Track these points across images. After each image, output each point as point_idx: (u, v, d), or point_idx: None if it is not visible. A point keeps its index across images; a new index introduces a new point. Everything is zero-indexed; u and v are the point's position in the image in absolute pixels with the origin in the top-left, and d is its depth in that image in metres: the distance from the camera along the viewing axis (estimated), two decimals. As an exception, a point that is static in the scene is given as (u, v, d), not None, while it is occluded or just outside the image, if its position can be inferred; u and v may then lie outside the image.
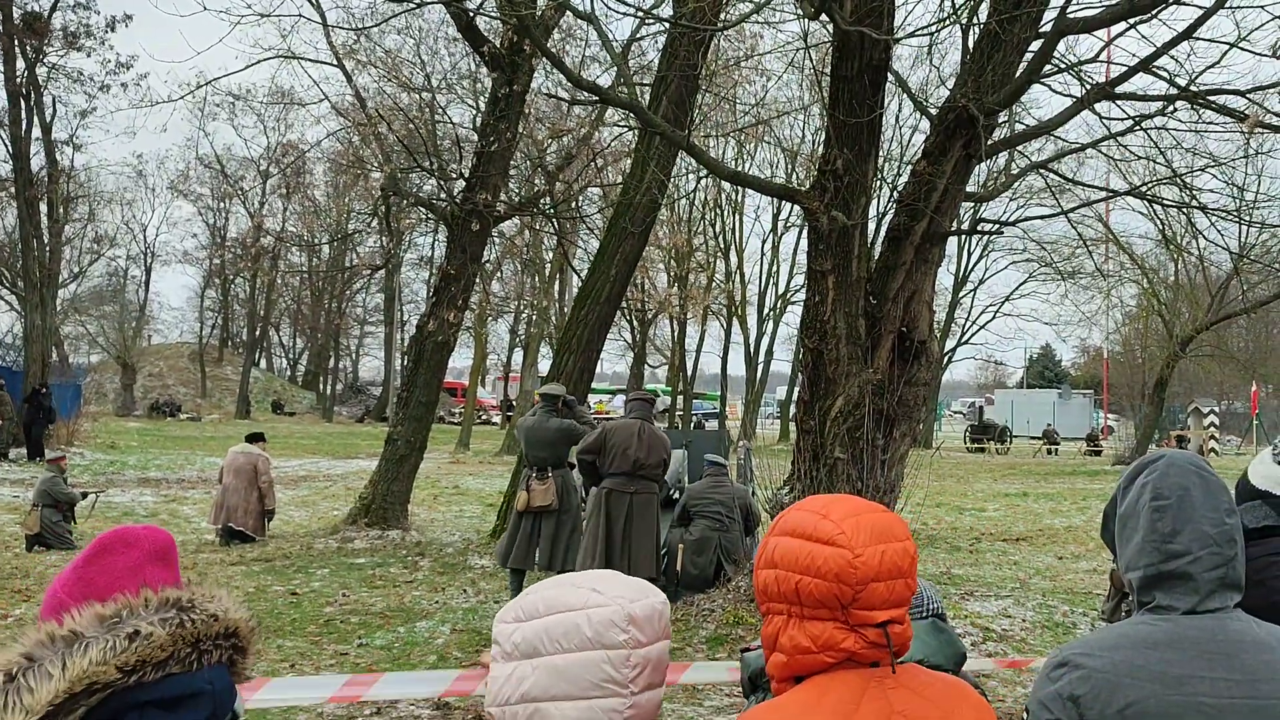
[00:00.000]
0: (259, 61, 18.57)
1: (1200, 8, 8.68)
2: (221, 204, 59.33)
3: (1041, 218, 31.20)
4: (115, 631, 1.81)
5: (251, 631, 1.96)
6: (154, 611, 1.87)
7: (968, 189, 10.51)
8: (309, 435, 42.58)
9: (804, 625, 1.93)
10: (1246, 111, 9.48)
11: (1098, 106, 10.04)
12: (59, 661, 1.75)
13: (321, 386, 63.62)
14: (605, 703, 1.86)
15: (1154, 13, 8.66)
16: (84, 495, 15.78)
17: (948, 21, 9.46)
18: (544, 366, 34.30)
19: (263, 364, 68.23)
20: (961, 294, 52.53)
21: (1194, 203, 13.41)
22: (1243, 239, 27.51)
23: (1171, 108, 10.18)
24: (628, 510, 9.91)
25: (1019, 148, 12.60)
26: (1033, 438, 51.03)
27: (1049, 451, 45.99)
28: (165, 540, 2.18)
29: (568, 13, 13.55)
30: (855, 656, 1.91)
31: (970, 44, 9.42)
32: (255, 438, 16.04)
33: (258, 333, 62.68)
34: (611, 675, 1.86)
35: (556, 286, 42.71)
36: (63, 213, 33.61)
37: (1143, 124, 10.79)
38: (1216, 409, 45.74)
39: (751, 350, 49.15)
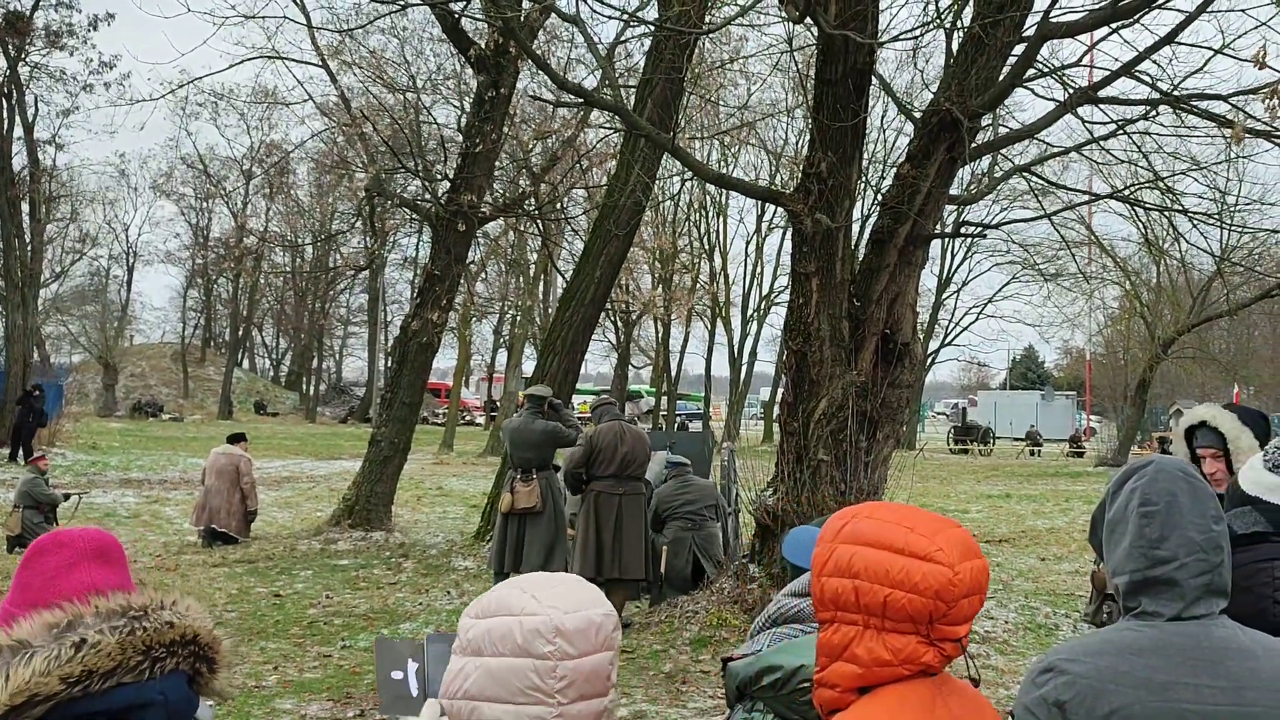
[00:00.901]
0: (243, 61, 18.51)
1: (1182, 12, 8.73)
2: (204, 204, 59.16)
3: (1025, 220, 31.35)
4: (61, 640, 1.76)
5: (215, 640, 1.92)
6: (104, 619, 1.82)
7: (951, 192, 10.56)
8: (292, 436, 42.45)
9: (883, 638, 1.92)
10: (1229, 116, 9.53)
11: (1080, 110, 10.08)
12: (2, 673, 1.71)
13: (305, 387, 63.42)
14: (532, 710, 1.88)
15: (1136, 18, 8.71)
16: (66, 496, 15.70)
17: (932, 26, 9.51)
18: (528, 368, 34.31)
19: (245, 364, 68.00)
20: (945, 295, 52.62)
21: (1176, 206, 13.50)
22: (1224, 242, 27.66)
23: (1154, 112, 10.25)
24: (617, 511, 9.90)
25: (1002, 151, 12.65)
26: (1016, 439, 51.18)
27: (1032, 453, 46.13)
28: (103, 540, 2.11)
29: (553, 15, 13.53)
30: (930, 669, 1.92)
31: (954, 48, 9.46)
32: (237, 438, 15.99)
33: (240, 333, 62.45)
34: (537, 684, 1.88)
35: (541, 287, 42.65)
36: (45, 212, 33.49)
37: (1125, 128, 10.85)
38: (1198, 411, 45.81)
39: (735, 351, 49.19)
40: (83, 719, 1.73)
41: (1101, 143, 11.86)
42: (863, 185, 11.53)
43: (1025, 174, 13.62)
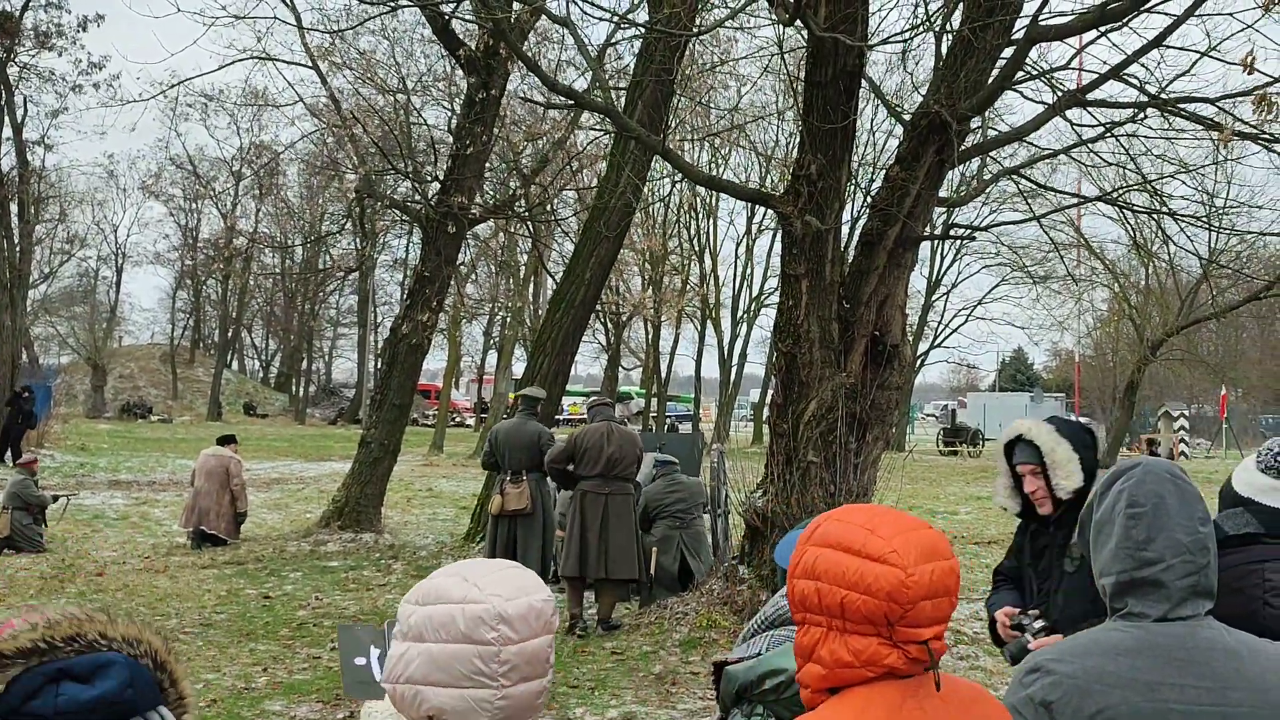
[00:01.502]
0: (233, 62, 18.49)
1: (1170, 16, 8.76)
2: (193, 205, 58.92)
3: (1014, 223, 31.49)
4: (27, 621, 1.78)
5: (170, 649, 1.92)
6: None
7: (941, 194, 10.58)
8: (281, 437, 42.37)
9: (845, 639, 1.92)
10: (1216, 119, 9.57)
11: (1069, 113, 10.12)
12: None
13: (294, 388, 63.26)
14: (476, 693, 1.94)
15: (1125, 21, 8.73)
16: (55, 498, 15.66)
17: (921, 28, 9.53)
18: (518, 369, 34.30)
19: (235, 366, 67.79)
20: (934, 297, 52.67)
21: (1164, 209, 13.55)
22: (1212, 245, 27.76)
23: (1142, 115, 10.29)
24: (604, 511, 9.90)
25: (991, 153, 12.68)
26: (1005, 441, 51.09)
27: (1021, 454, 46.08)
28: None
29: (543, 17, 13.55)
30: (895, 671, 1.91)
31: (943, 51, 9.48)
32: (227, 440, 15.96)
33: (230, 334, 62.28)
34: (481, 669, 1.93)
35: (531, 289, 42.62)
36: (33, 213, 33.40)
37: (1114, 130, 10.89)
38: (1186, 412, 46.10)
39: (725, 353, 49.19)
40: (51, 679, 1.73)
41: (1090, 145, 11.91)
42: (852, 187, 11.55)
43: (1014, 176, 13.67)
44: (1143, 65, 9.68)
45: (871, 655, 1.91)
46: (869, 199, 10.02)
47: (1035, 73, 10.32)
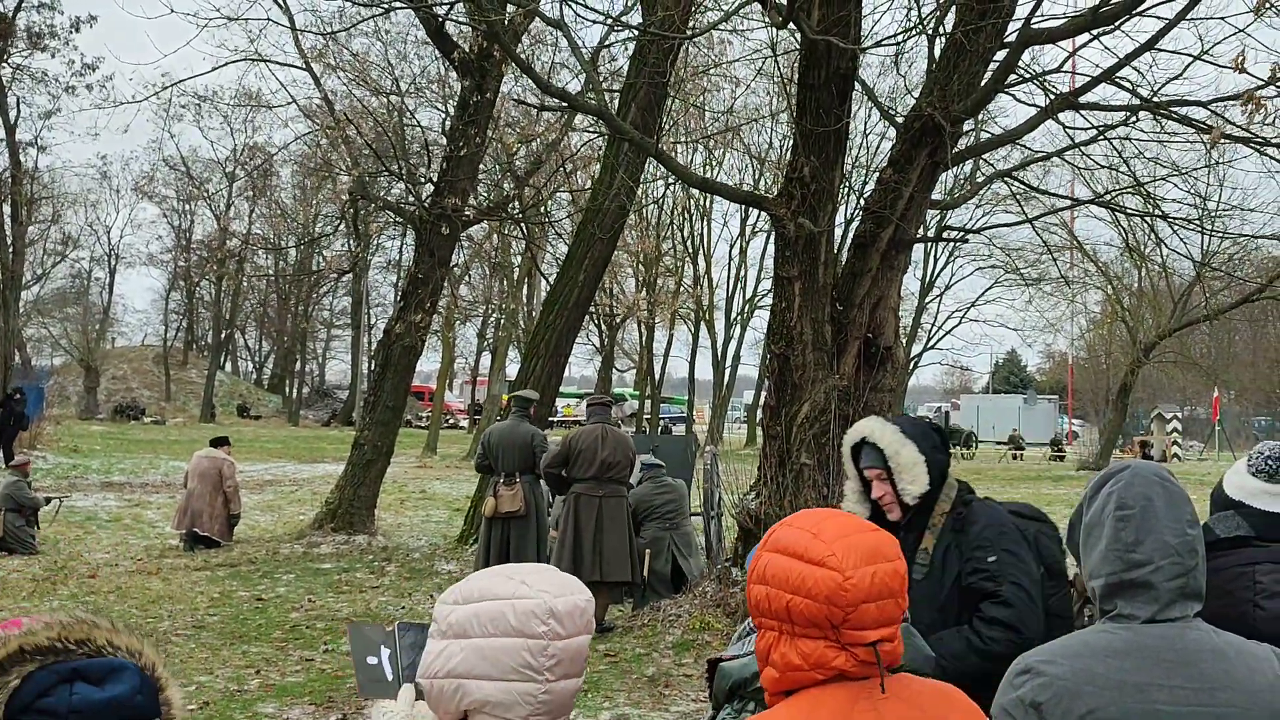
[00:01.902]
0: (226, 64, 18.53)
1: (1163, 19, 8.79)
2: (187, 206, 58.81)
3: (1007, 225, 31.57)
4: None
5: (164, 664, 1.95)
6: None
7: (934, 196, 10.61)
8: (275, 439, 42.32)
9: (795, 643, 1.94)
10: (1208, 122, 9.60)
11: (1062, 116, 10.15)
12: None
13: (287, 390, 63.20)
14: (522, 686, 1.99)
15: (1117, 24, 8.76)
16: (48, 500, 15.63)
17: (914, 31, 9.55)
18: (512, 370, 34.31)
19: (228, 367, 67.71)
20: (928, 299, 52.75)
21: (1157, 211, 13.57)
22: (1205, 247, 27.81)
23: (1134, 118, 10.31)
24: (598, 514, 9.89)
25: (984, 156, 12.73)
26: (998, 443, 51.32)
27: (1014, 456, 46.28)
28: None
29: (537, 19, 13.55)
30: (846, 674, 1.93)
31: (936, 54, 9.50)
32: (220, 442, 15.95)
33: (223, 336, 62.17)
34: (529, 662, 1.99)
35: (525, 291, 42.60)
36: (26, 214, 33.34)
37: (1106, 133, 10.92)
38: (1179, 415, 46.22)
39: (719, 354, 49.23)
40: (65, 680, 1.77)
41: (1083, 148, 11.93)
42: (845, 190, 11.57)
43: (1007, 179, 13.68)
44: (1135, 68, 9.71)
45: (819, 658, 1.93)
46: (862, 201, 10.04)
47: (1028, 76, 10.34)
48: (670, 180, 31.32)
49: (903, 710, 1.95)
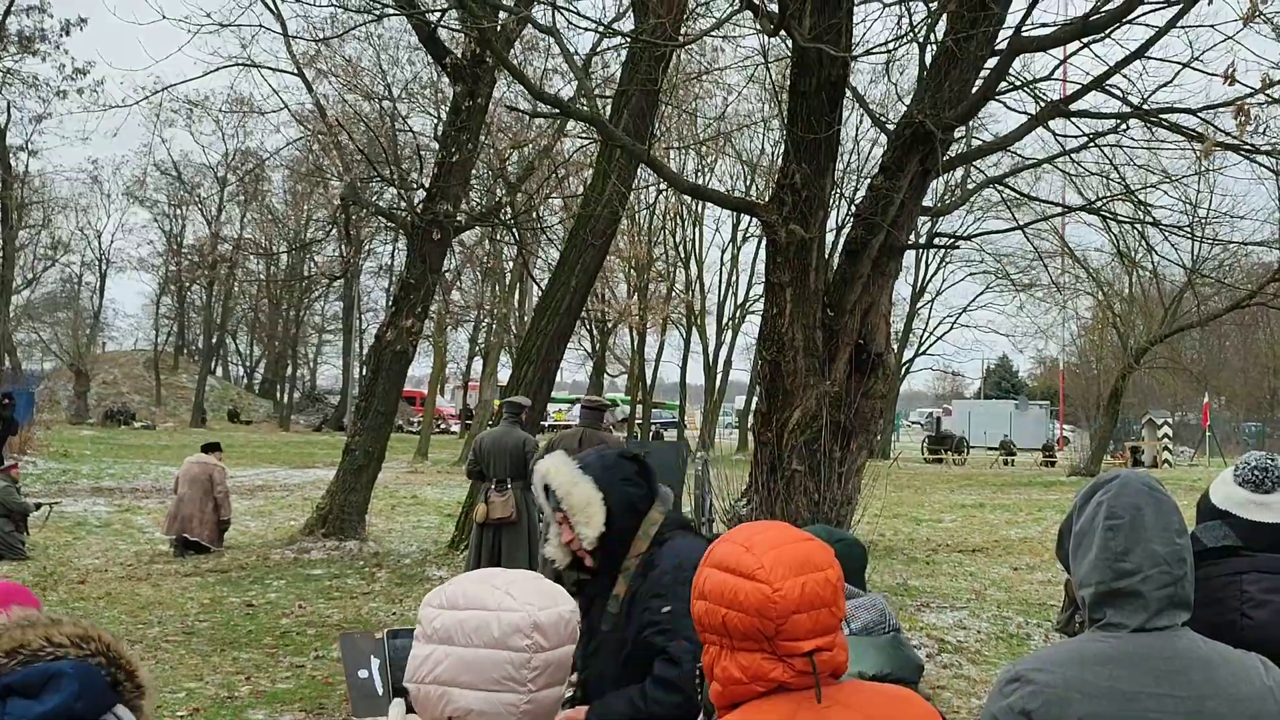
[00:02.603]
0: (218, 69, 18.44)
1: (1153, 28, 8.83)
2: (178, 210, 58.73)
3: (998, 232, 31.57)
4: None
5: (131, 658, 1.89)
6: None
7: (925, 203, 10.63)
8: (266, 444, 42.25)
9: (734, 656, 1.96)
10: (1199, 130, 9.64)
11: (1053, 123, 10.19)
12: None
13: (279, 395, 63.11)
14: (504, 696, 2.02)
15: (1107, 32, 8.80)
16: (37, 505, 15.58)
17: (905, 39, 9.58)
18: (503, 376, 34.23)
19: (219, 372, 67.59)
20: (919, 305, 52.93)
21: (1147, 218, 13.61)
22: (1195, 254, 27.90)
23: (1125, 125, 10.36)
24: None
25: (975, 163, 12.73)
26: (990, 448, 51.37)
27: (1006, 462, 46.34)
28: (18, 588, 2.21)
29: (529, 26, 13.56)
30: (786, 685, 1.93)
31: (927, 61, 9.53)
32: (211, 448, 15.92)
33: (214, 340, 62.08)
34: (512, 674, 2.02)
35: (516, 296, 42.60)
36: (17, 218, 33.28)
37: (1097, 140, 10.96)
38: (1170, 420, 46.29)
39: (710, 360, 49.27)
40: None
41: (1073, 155, 11.97)
42: (836, 196, 11.60)
43: (998, 186, 13.72)
44: (1125, 76, 9.74)
45: (757, 670, 1.93)
46: (853, 208, 10.08)
47: (1018, 83, 10.38)
48: (662, 186, 31.37)
49: (850, 716, 1.95)
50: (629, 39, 13.86)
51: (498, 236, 28.51)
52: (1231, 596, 2.84)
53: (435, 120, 21.83)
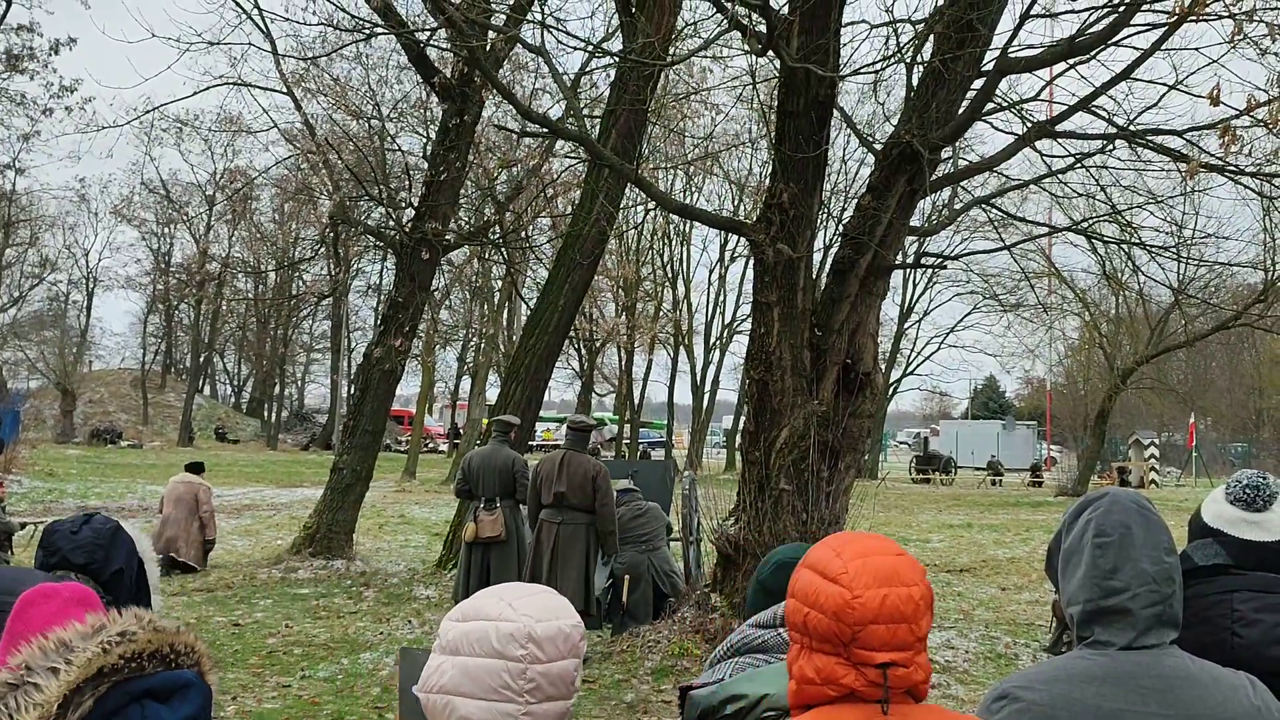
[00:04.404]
0: (207, 88, 18.51)
1: (1138, 49, 8.87)
2: (166, 229, 58.55)
3: (985, 252, 31.72)
4: (93, 639, 1.82)
5: (195, 643, 1.95)
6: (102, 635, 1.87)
7: (912, 223, 10.66)
8: (253, 463, 42.11)
9: (812, 657, 1.99)
10: (1184, 151, 9.68)
11: (1039, 144, 10.22)
12: (59, 660, 1.77)
13: (266, 414, 62.94)
14: (501, 706, 2.07)
15: (1094, 54, 8.84)
16: (22, 525, 15.49)
17: (893, 60, 9.61)
18: (492, 395, 34.19)
19: (206, 391, 67.39)
20: (906, 325, 53.03)
21: (1134, 239, 13.67)
22: (1181, 274, 28.04)
23: (1111, 146, 10.39)
24: (555, 541, 9.80)
25: (962, 183, 12.78)
26: (977, 469, 51.41)
27: (993, 482, 46.36)
28: (83, 591, 2.26)
29: (518, 45, 13.61)
30: (857, 693, 1.94)
31: (915, 82, 9.56)
32: (196, 468, 15.86)
33: (202, 359, 61.94)
34: (508, 683, 2.06)
35: (505, 315, 42.62)
36: (4, 236, 33.21)
37: (1083, 161, 10.99)
38: (1157, 440, 46.41)
39: (698, 379, 49.29)
40: (135, 700, 1.78)
41: (1060, 176, 12.01)
42: (824, 216, 11.63)
43: (985, 206, 13.76)
44: (1111, 98, 9.79)
45: (830, 674, 1.95)
46: (841, 227, 10.10)
47: (1005, 104, 10.41)
48: (650, 205, 31.45)
49: None
50: (618, 59, 13.91)
51: (486, 255, 28.55)
52: (1222, 615, 2.84)
53: (424, 139, 21.85)
